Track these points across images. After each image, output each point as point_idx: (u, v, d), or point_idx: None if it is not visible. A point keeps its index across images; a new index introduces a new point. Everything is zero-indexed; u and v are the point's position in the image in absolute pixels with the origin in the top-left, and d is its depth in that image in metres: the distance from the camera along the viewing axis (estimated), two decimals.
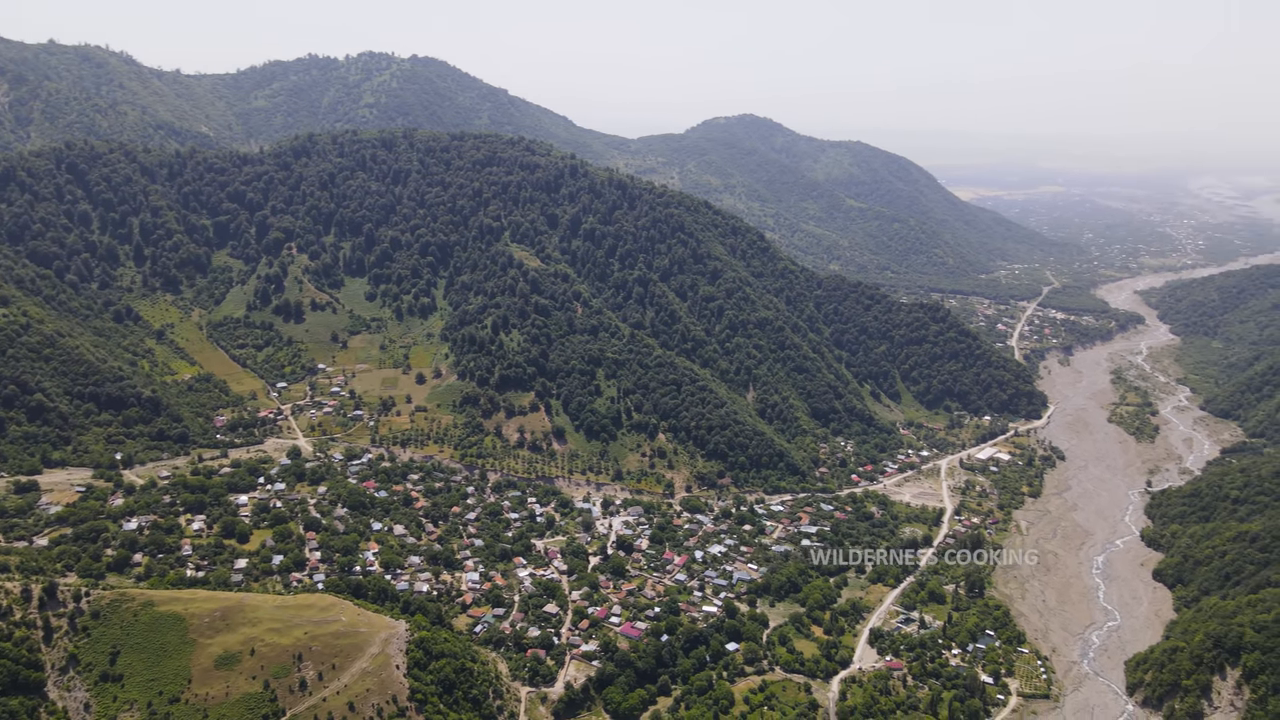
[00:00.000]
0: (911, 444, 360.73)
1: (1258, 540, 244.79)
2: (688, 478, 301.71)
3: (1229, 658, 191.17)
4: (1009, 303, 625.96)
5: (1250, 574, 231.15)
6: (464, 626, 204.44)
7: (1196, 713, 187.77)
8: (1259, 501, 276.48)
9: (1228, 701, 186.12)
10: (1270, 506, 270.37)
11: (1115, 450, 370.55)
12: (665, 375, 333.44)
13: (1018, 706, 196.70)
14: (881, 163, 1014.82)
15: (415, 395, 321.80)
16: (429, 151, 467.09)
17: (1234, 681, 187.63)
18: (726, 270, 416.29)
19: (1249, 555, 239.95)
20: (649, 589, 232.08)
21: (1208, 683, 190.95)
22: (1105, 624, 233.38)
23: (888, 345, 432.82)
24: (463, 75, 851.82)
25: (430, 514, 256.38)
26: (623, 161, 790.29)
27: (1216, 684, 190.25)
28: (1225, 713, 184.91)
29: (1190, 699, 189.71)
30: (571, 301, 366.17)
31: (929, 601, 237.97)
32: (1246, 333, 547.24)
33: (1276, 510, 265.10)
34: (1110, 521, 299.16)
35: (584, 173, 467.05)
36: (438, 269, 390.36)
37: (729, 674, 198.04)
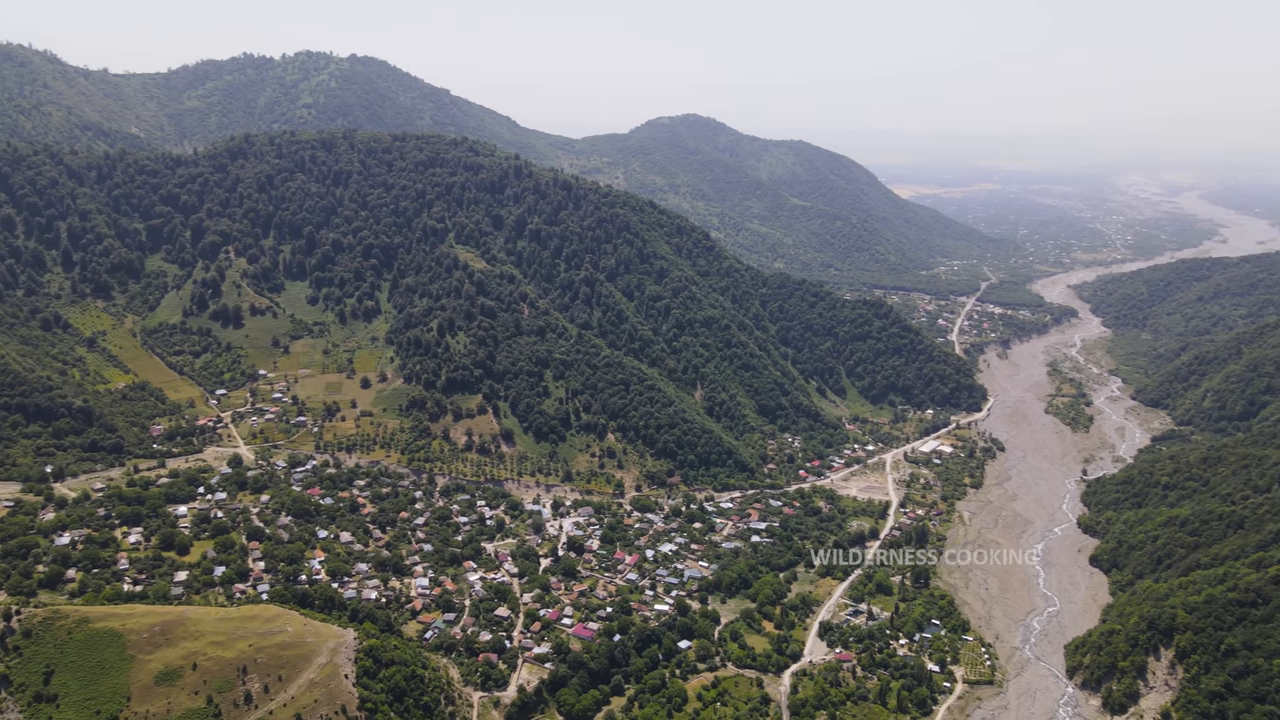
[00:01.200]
0: (857, 439, 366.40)
1: (1187, 524, 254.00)
2: (637, 477, 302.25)
3: (1162, 639, 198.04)
4: (949, 298, 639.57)
5: (1181, 557, 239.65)
6: (414, 633, 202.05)
7: (1133, 693, 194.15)
8: (1188, 487, 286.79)
9: (1162, 681, 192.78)
10: (1198, 492, 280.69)
11: (1052, 440, 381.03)
12: (613, 375, 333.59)
13: (963, 693, 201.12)
14: (823, 161, 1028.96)
15: (360, 400, 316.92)
16: (370, 152, 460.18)
17: (1168, 662, 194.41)
18: (673, 270, 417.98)
19: (1179, 539, 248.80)
20: (601, 589, 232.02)
21: (1143, 663, 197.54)
22: (1045, 610, 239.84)
23: (833, 342, 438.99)
24: (404, 75, 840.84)
25: (378, 520, 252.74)
26: (567, 161, 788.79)
27: (1151, 664, 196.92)
28: (1160, 692, 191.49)
29: (1127, 680, 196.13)
30: (518, 303, 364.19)
31: (877, 593, 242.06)
32: (1173, 324, 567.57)
33: (1204, 495, 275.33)
34: (1049, 510, 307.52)
35: (529, 173, 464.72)
36: (381, 272, 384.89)
37: (682, 671, 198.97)
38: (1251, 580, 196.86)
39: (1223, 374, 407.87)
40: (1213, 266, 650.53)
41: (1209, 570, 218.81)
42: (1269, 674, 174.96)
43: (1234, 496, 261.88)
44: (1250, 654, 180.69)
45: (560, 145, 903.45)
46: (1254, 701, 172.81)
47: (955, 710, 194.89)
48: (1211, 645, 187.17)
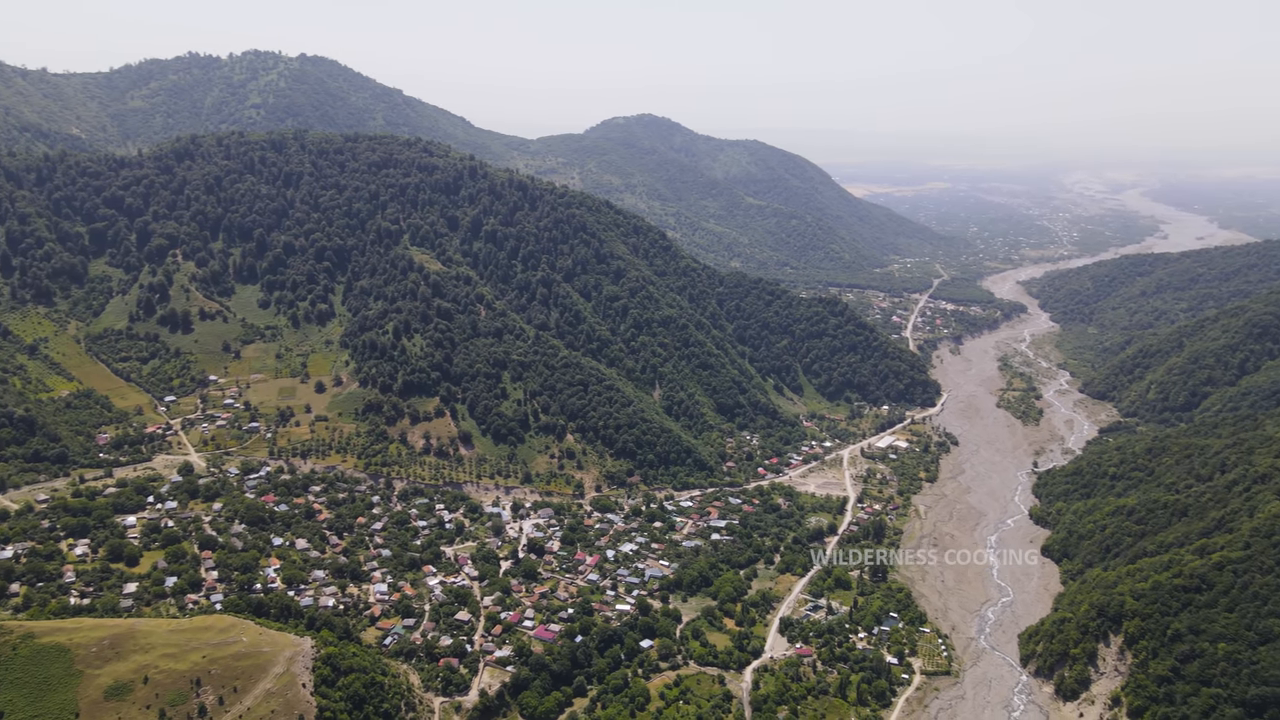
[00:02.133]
0: (815, 435, 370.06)
1: (1134, 514, 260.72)
2: (597, 477, 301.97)
3: (1112, 625, 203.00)
4: (902, 295, 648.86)
5: (1128, 545, 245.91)
6: (373, 639, 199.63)
7: (1084, 679, 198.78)
8: (1134, 477, 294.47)
9: (1112, 667, 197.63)
10: (1144, 481, 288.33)
11: (1004, 434, 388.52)
12: (572, 376, 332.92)
13: (921, 684, 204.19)
14: (778, 161, 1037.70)
15: (315, 405, 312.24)
16: (322, 153, 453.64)
17: (1117, 648, 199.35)
18: (630, 270, 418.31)
19: (1126, 528, 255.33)
20: (562, 590, 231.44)
21: (1094, 650, 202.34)
22: (1000, 600, 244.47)
23: (789, 340, 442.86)
24: (355, 75, 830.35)
25: (334, 526, 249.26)
26: (523, 162, 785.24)
27: (1102, 651, 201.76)
28: (1110, 678, 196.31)
29: (1078, 667, 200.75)
30: (475, 304, 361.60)
31: (836, 588, 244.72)
32: (1118, 319, 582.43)
33: (1150, 485, 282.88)
34: (1001, 502, 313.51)
35: (484, 174, 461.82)
36: (335, 274, 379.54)
37: (644, 671, 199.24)
38: (1196, 566, 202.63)
39: (1165, 366, 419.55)
40: (1155, 262, 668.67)
41: (1155, 558, 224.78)
42: (1214, 658, 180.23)
43: (1178, 485, 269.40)
44: (1196, 638, 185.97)
45: (515, 146, 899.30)
46: (1200, 685, 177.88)
47: (914, 701, 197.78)
48: (1158, 631, 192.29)
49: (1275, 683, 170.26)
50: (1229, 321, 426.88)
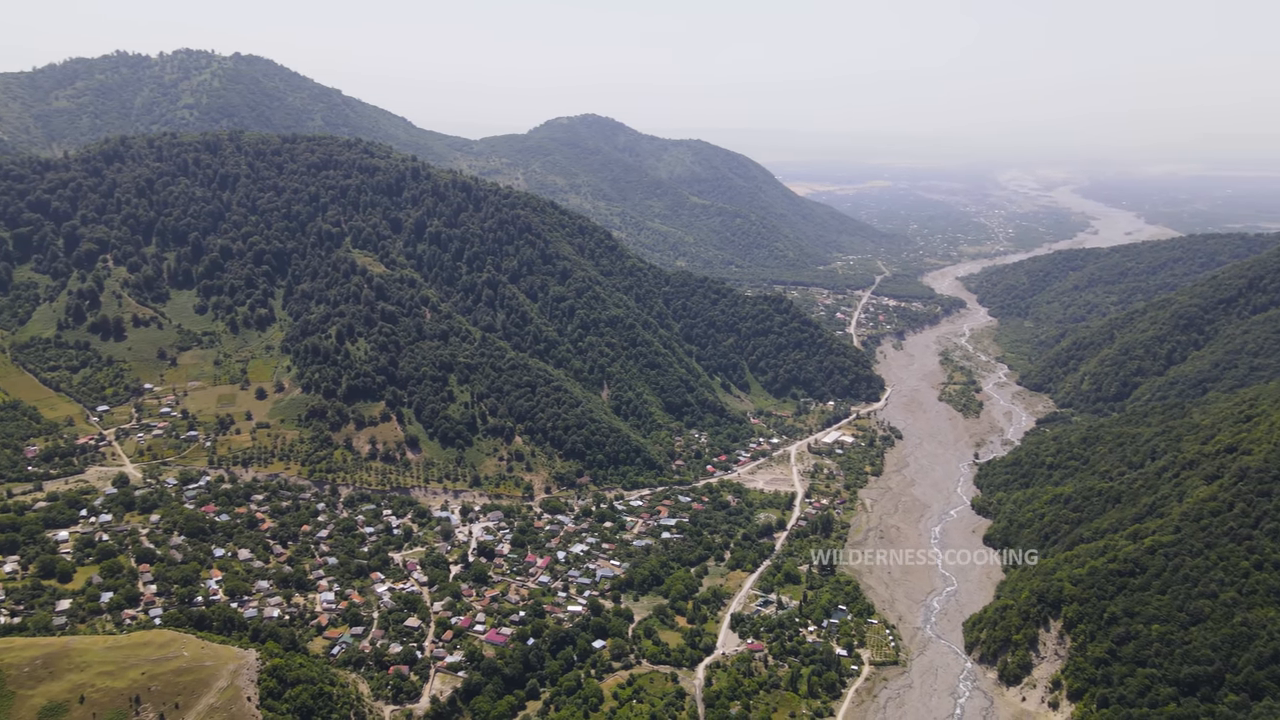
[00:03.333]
0: (762, 432, 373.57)
1: (1070, 501, 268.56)
2: (547, 479, 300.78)
3: (1051, 611, 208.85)
4: (846, 292, 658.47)
5: (1066, 533, 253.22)
6: (320, 649, 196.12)
7: (1026, 664, 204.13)
8: (1070, 466, 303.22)
9: (1052, 651, 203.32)
10: (1079, 470, 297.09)
11: (946, 427, 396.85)
12: (519, 377, 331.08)
13: (870, 675, 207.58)
14: (722, 160, 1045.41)
15: (256, 411, 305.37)
16: (259, 155, 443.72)
17: (1057, 632, 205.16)
18: (576, 270, 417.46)
19: (1064, 516, 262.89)
20: (513, 593, 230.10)
21: (1035, 635, 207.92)
22: (944, 590, 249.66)
23: (735, 338, 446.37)
24: (292, 74, 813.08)
25: (278, 535, 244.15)
26: (466, 163, 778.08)
27: (1042, 636, 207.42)
28: (1051, 661, 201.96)
29: (1020, 652, 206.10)
30: (419, 307, 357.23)
31: (785, 583, 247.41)
32: (1053, 312, 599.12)
33: (1085, 473, 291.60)
34: (945, 493, 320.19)
35: (427, 175, 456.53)
36: (274, 278, 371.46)
37: (597, 671, 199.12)
38: (1129, 551, 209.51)
39: (1098, 358, 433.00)
40: (1086, 257, 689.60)
41: (1091, 544, 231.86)
42: (1148, 639, 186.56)
43: (1111, 473, 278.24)
44: (1130, 621, 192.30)
45: (458, 146, 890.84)
46: (1136, 665, 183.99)
47: (863, 692, 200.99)
48: (1095, 614, 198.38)
49: (1206, 661, 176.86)
50: (1157, 314, 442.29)
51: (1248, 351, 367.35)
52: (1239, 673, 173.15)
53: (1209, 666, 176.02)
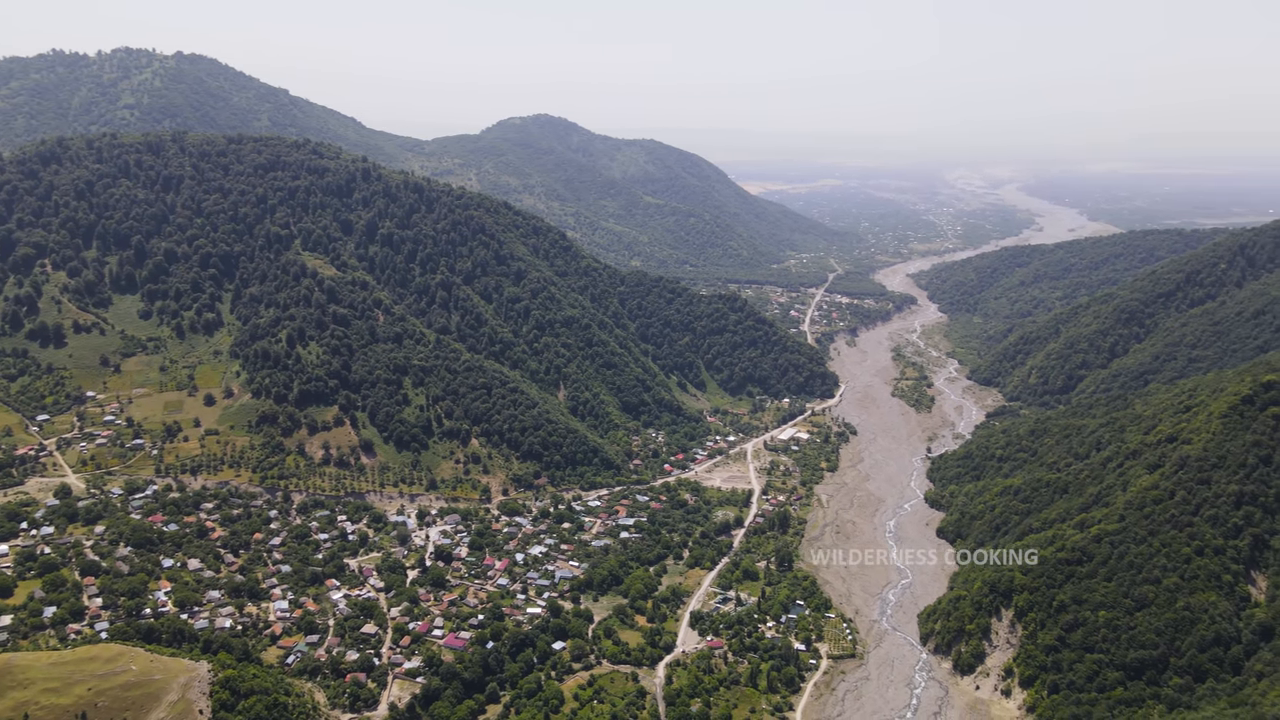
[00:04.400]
0: (719, 430, 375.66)
1: (1019, 493, 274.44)
2: (504, 481, 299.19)
3: (1003, 600, 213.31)
4: (799, 290, 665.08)
5: (1016, 524, 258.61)
6: (275, 659, 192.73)
7: (979, 653, 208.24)
8: (1019, 458, 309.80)
9: (1004, 640, 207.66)
10: (1028, 462, 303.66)
11: (899, 422, 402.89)
12: (475, 379, 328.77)
13: (828, 668, 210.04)
14: (675, 160, 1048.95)
15: (205, 418, 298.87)
16: (203, 156, 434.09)
17: (1008, 621, 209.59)
18: (531, 271, 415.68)
19: (1013, 507, 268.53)
20: (471, 597, 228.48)
21: (987, 625, 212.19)
22: (900, 582, 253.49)
23: (691, 336, 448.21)
24: (237, 74, 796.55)
25: (229, 543, 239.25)
26: (418, 163, 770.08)
27: (994, 625, 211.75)
28: (1003, 650, 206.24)
29: (974, 641, 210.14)
30: (372, 309, 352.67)
31: (744, 579, 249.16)
32: (1001, 308, 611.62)
33: (1033, 465, 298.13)
34: (899, 488, 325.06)
35: (377, 176, 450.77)
36: (222, 282, 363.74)
37: (557, 673, 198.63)
38: (1076, 540, 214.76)
39: (1044, 352, 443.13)
40: (1032, 253, 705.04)
41: (1040, 534, 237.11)
42: (1096, 625, 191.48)
43: (1059, 464, 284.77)
44: (1079, 608, 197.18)
45: (410, 147, 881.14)
46: (1084, 651, 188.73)
47: (821, 685, 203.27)
48: (1045, 603, 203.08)
49: (1151, 646, 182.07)
50: (1100, 308, 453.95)
51: (1186, 344, 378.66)
52: (1182, 656, 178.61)
53: (1154, 651, 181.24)
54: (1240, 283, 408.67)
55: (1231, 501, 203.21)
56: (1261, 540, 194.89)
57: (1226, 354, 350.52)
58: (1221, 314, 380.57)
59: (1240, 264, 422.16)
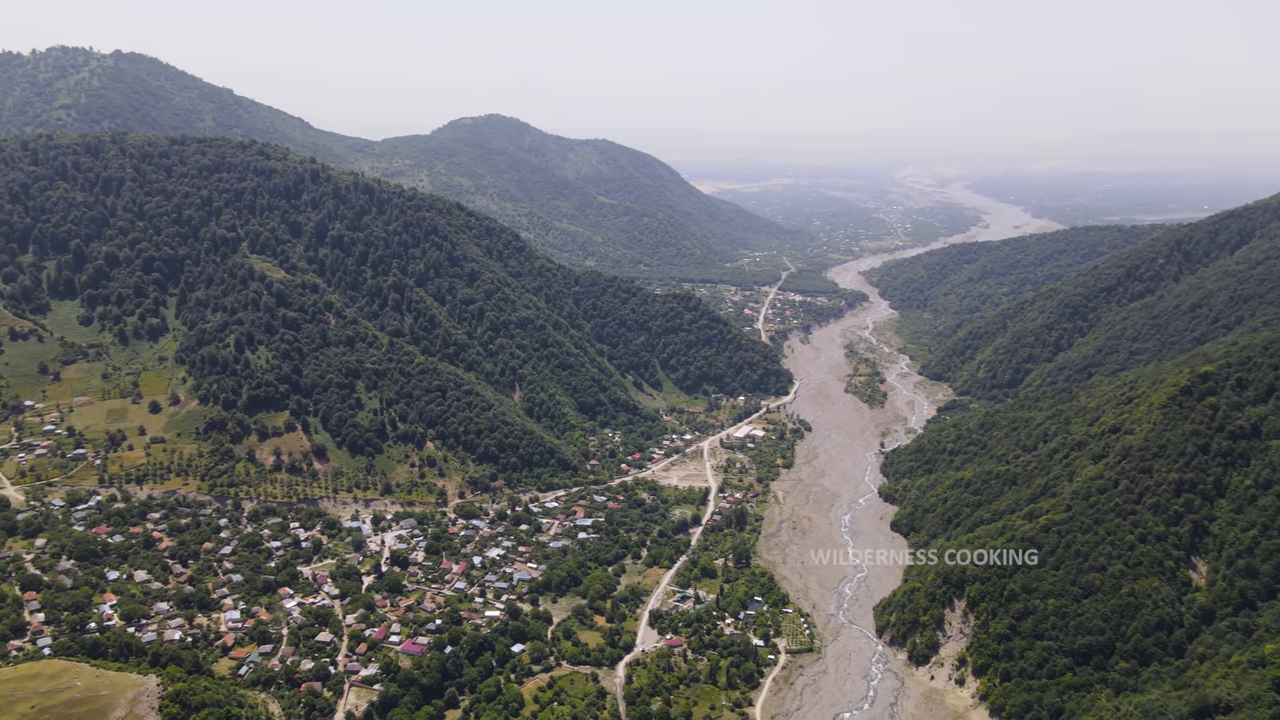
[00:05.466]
0: (675, 429, 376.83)
1: (970, 485, 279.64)
2: (460, 484, 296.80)
3: (956, 591, 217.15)
4: (753, 288, 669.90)
5: (967, 515, 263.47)
6: (227, 670, 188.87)
7: (934, 644, 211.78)
8: (969, 451, 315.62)
9: (958, 630, 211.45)
10: (978, 455, 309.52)
11: (853, 417, 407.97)
12: (429, 382, 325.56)
13: (786, 663, 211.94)
14: (628, 160, 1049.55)
15: (150, 426, 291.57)
16: (145, 157, 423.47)
17: (961, 611, 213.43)
18: (484, 272, 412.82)
19: (964, 499, 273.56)
20: (428, 601, 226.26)
21: (941, 616, 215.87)
22: (855, 576, 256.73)
23: (646, 336, 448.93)
24: (179, 73, 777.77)
25: (177, 554, 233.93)
26: (368, 164, 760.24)
27: (948, 615, 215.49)
28: (956, 640, 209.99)
29: (928, 632, 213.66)
30: (323, 312, 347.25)
31: (702, 577, 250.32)
32: (950, 304, 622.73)
33: (983, 457, 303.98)
34: (853, 482, 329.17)
35: (327, 177, 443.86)
36: (166, 286, 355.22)
37: (517, 676, 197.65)
38: (1026, 530, 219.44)
39: (992, 347, 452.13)
40: (979, 250, 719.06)
41: (991, 525, 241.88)
42: (1045, 613, 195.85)
43: (1007, 457, 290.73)
44: (1029, 597, 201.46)
45: (359, 148, 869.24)
46: (1034, 639, 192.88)
47: (780, 680, 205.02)
48: (996, 593, 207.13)
49: (1098, 631, 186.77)
50: (1045, 303, 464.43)
51: (1127, 337, 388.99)
52: (1128, 640, 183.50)
53: (1101, 636, 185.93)
54: (1177, 277, 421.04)
55: (1172, 489, 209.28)
56: (1201, 526, 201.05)
57: (1165, 346, 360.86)
58: (1160, 307, 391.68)
59: (1177, 259, 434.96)
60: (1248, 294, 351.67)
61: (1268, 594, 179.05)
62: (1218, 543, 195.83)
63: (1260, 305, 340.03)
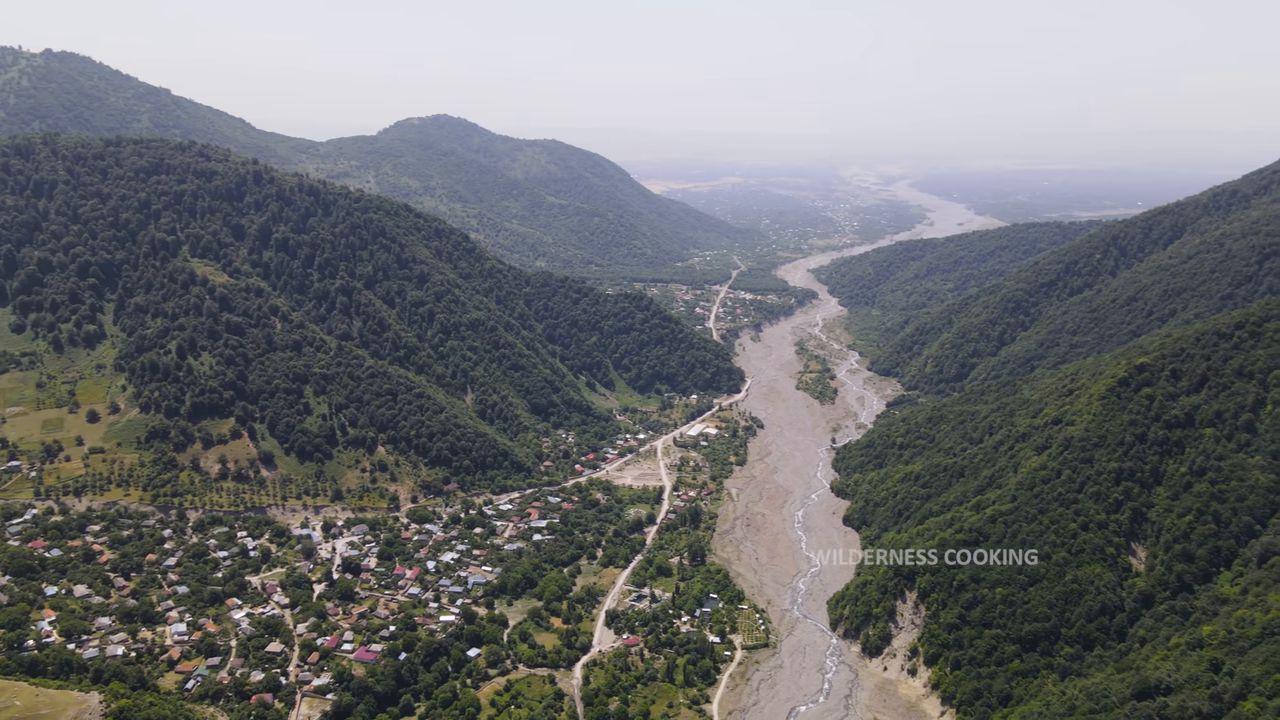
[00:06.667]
0: (628, 429, 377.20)
1: (919, 478, 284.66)
2: (413, 488, 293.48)
3: (907, 583, 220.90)
4: (704, 287, 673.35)
5: (917, 508, 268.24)
6: (173, 685, 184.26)
7: (886, 635, 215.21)
8: (918, 445, 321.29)
9: (909, 621, 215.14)
10: (927, 448, 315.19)
11: (804, 414, 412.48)
12: (379, 386, 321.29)
13: (743, 659, 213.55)
14: (577, 160, 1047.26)
15: (88, 436, 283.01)
16: (79, 159, 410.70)
17: (912, 603, 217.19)
18: (434, 274, 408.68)
19: (914, 492, 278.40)
20: (382, 608, 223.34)
21: (893, 607, 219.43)
22: (809, 571, 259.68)
23: (598, 336, 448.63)
24: (114, 73, 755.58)
25: (119, 566, 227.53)
26: (313, 166, 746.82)
27: (900, 607, 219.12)
28: (908, 631, 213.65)
29: (880, 624, 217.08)
30: (268, 317, 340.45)
31: (658, 576, 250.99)
32: (897, 300, 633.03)
33: (932, 451, 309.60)
34: (806, 478, 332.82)
35: (270, 178, 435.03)
36: (103, 291, 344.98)
37: (473, 680, 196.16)
38: (973, 521, 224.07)
39: (939, 342, 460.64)
40: (925, 247, 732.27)
41: (939, 516, 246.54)
42: (993, 602, 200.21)
43: (955, 449, 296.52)
44: (977, 586, 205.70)
45: (303, 149, 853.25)
46: (983, 628, 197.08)
47: (737, 676, 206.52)
48: (946, 583, 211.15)
49: (1044, 618, 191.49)
50: (988, 299, 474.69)
51: (1067, 330, 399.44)
52: (1072, 626, 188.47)
53: (1046, 623, 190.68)
54: (1114, 271, 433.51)
55: (1112, 478, 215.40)
56: (1139, 513, 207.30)
57: (1104, 339, 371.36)
58: (1098, 301, 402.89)
59: (1114, 254, 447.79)
60: (1180, 287, 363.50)
61: (1203, 577, 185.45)
62: (1155, 529, 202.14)
63: (1192, 298, 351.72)
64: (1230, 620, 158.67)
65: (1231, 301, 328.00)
